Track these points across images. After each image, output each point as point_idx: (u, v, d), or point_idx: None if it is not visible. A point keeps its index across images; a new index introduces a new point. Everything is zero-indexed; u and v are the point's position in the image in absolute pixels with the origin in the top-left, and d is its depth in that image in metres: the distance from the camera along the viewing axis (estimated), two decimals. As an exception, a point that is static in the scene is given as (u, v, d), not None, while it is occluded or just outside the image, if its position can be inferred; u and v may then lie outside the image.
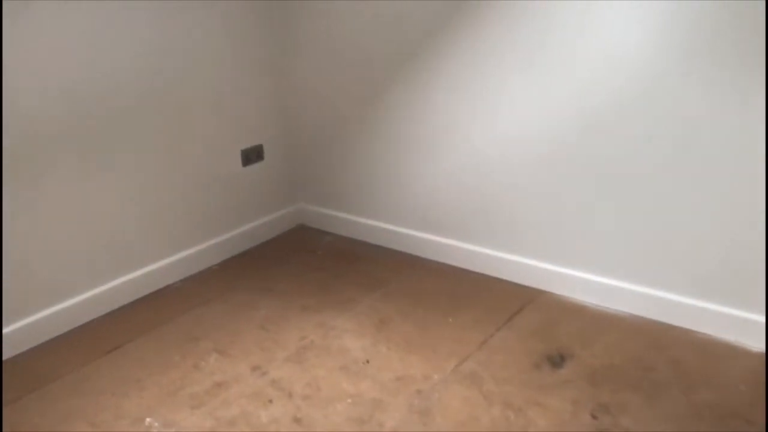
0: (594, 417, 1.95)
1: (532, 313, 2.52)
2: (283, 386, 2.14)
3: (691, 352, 2.25)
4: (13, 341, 2.34)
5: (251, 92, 3.02)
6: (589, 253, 2.52)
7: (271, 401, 2.07)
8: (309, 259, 3.02)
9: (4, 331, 2.32)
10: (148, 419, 2.02)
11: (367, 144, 2.99)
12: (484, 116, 2.60)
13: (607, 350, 2.27)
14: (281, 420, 1.99)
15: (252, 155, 3.09)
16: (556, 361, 2.22)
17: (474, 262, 2.81)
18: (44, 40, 2.24)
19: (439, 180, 2.81)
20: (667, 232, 2.32)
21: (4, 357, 2.32)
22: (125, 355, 2.35)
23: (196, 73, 2.76)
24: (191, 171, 2.83)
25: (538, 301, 2.60)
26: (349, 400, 2.06)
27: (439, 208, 2.86)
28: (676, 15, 2.09)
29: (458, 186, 2.76)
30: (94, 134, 2.46)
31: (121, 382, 2.19)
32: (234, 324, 2.51)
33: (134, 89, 2.55)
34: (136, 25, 2.49)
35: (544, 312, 2.53)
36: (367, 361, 2.26)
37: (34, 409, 2.07)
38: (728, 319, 2.27)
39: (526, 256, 2.67)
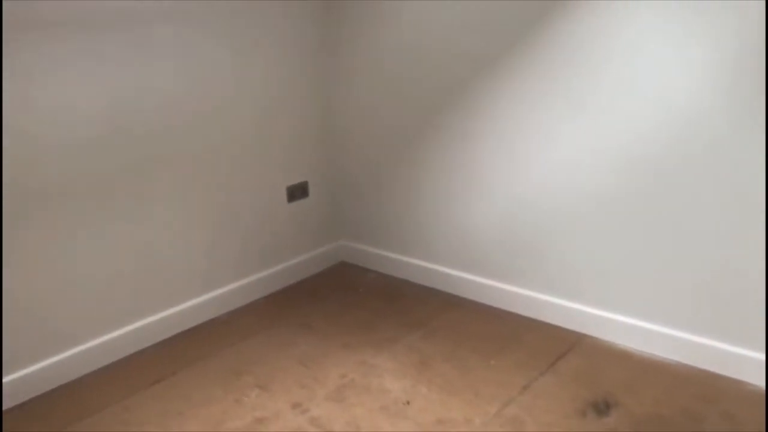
0: (641, 468, 1.90)
1: (576, 358, 2.47)
2: (322, 424, 2.13)
3: (743, 404, 2.18)
4: (60, 371, 2.39)
5: (298, 129, 3.07)
6: (634, 298, 2.47)
7: (311, 439, 2.07)
8: (350, 297, 3.03)
9: (51, 360, 2.37)
10: (189, 453, 2.03)
11: (410, 182, 3.01)
12: (530, 159, 2.59)
13: (655, 399, 2.21)
14: (321, 459, 1.98)
15: (297, 192, 3.14)
16: (601, 408, 2.17)
17: (517, 304, 2.78)
18: (88, 71, 2.32)
19: (483, 220, 2.81)
20: (716, 280, 2.27)
21: (51, 387, 2.37)
22: (168, 387, 2.37)
23: (244, 109, 2.82)
24: (237, 207, 2.88)
25: (582, 345, 2.55)
26: (389, 442, 2.05)
27: (482, 248, 2.85)
28: (730, 62, 2.08)
29: (502, 227, 2.75)
30: (142, 168, 2.52)
31: (164, 415, 2.21)
32: (275, 360, 2.52)
33: (182, 124, 2.62)
34: (181, 61, 2.57)
35: (589, 357, 2.48)
36: (408, 402, 2.24)
37: (78, 438, 2.11)
38: (782, 371, 2.20)
39: (571, 299, 2.64)
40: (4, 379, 2.26)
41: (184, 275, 2.74)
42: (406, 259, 3.14)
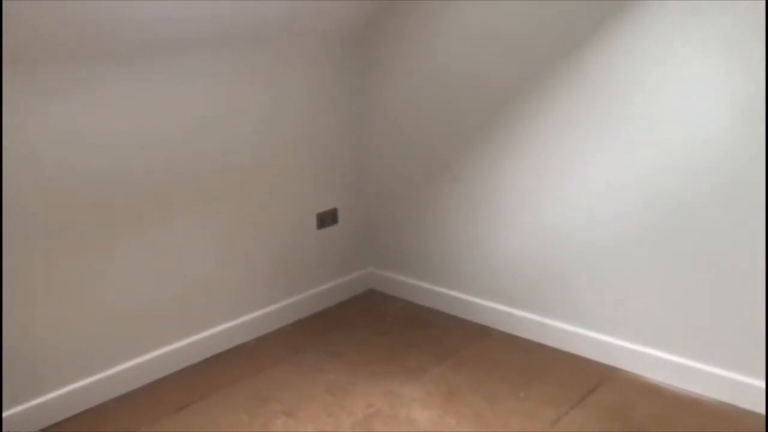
0: None
1: (608, 392, 2.43)
2: (349, 454, 2.12)
3: (781, 444, 2.12)
4: (87, 396, 2.41)
5: (328, 156, 3.10)
6: (668, 331, 2.43)
7: (337, 469, 2.05)
8: (378, 325, 3.02)
9: (79, 384, 2.40)
10: (215, 480, 2.03)
11: (440, 211, 3.01)
12: (563, 189, 2.58)
13: (689, 437, 2.16)
14: (347, 490, 1.96)
15: (327, 218, 3.15)
16: (634, 445, 2.13)
17: (547, 336, 2.75)
18: (122, 97, 2.37)
19: (513, 249, 2.79)
20: (753, 316, 2.22)
21: (78, 411, 2.38)
22: (195, 413, 2.38)
23: (275, 136, 2.86)
24: (267, 233, 2.90)
25: (613, 379, 2.51)
26: (416, 474, 2.02)
27: (511, 277, 2.82)
28: (760, 95, 2.05)
29: (532, 257, 2.73)
30: (172, 195, 2.56)
31: (191, 441, 2.21)
32: (302, 387, 2.51)
33: (213, 152, 2.65)
34: (214, 88, 2.62)
35: (620, 391, 2.43)
36: (436, 434, 2.22)
37: (106, 462, 2.12)
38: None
39: (601, 331, 2.60)
40: (32, 403, 2.29)
41: (212, 301, 2.76)
42: (434, 287, 3.12)
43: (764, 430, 2.17)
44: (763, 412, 2.24)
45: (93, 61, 2.25)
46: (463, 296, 3.01)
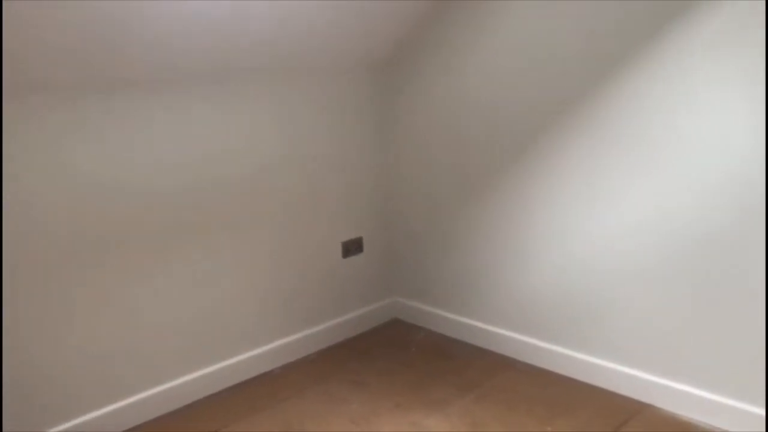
0: None
1: (637, 428, 2.38)
2: (374, 487, 2.10)
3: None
4: (112, 420, 2.43)
5: (354, 185, 3.12)
6: (700, 367, 2.38)
7: (361, 502, 2.04)
8: (402, 355, 3.00)
9: (106, 410, 2.42)
10: None
11: (466, 240, 3.01)
12: (590, 220, 2.57)
13: (721, 476, 2.12)
14: None
15: (352, 247, 3.16)
16: (664, 483, 2.08)
17: (574, 369, 2.71)
18: (158, 127, 2.44)
19: (540, 281, 2.77)
20: (786, 350, 2.18)
21: (108, 434, 2.41)
22: (220, 440, 2.38)
23: (302, 165, 2.89)
24: (293, 261, 2.92)
25: (643, 415, 2.46)
26: (442, 508, 2.00)
27: (538, 309, 2.80)
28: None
29: (559, 288, 2.71)
30: (202, 222, 2.59)
31: (215, 469, 2.21)
32: (326, 416, 2.51)
33: (241, 180, 2.69)
34: (243, 116, 2.66)
35: (650, 427, 2.39)
36: (461, 467, 2.19)
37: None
38: None
39: (631, 365, 2.56)
40: (60, 427, 2.31)
41: (237, 328, 2.77)
42: (459, 318, 3.11)
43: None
44: (798, 452, 2.19)
45: (129, 89, 2.31)
46: (488, 327, 3.00)
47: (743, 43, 2.08)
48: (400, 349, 3.06)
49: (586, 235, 2.59)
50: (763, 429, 2.24)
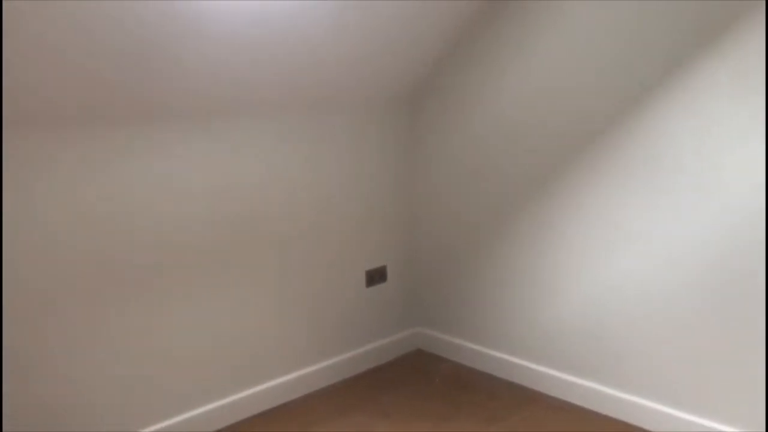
0: None
1: (667, 467, 2.33)
2: None
3: None
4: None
5: (378, 214, 3.12)
6: (735, 404, 2.32)
7: None
8: (425, 387, 2.97)
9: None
10: None
11: (490, 270, 2.98)
12: (616, 249, 2.54)
13: None
14: None
15: (376, 276, 3.15)
16: None
17: (602, 404, 2.66)
18: (185, 156, 2.46)
19: (566, 313, 2.74)
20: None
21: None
22: (243, 471, 2.36)
23: (327, 194, 2.90)
24: (317, 289, 2.91)
25: (672, 453, 2.41)
26: None
27: (564, 342, 2.77)
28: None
29: (586, 320, 2.68)
30: (227, 250, 2.60)
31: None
32: (350, 448, 2.48)
33: (266, 209, 2.70)
34: (270, 149, 2.68)
35: (680, 466, 2.34)
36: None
37: None
38: None
39: (661, 401, 2.51)
40: (86, 453, 2.30)
41: (259, 357, 2.76)
42: (484, 349, 3.07)
43: None
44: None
45: (164, 121, 2.35)
46: (512, 359, 2.96)
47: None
48: (424, 380, 3.03)
49: (612, 269, 2.56)
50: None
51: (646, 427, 2.54)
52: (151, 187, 2.35)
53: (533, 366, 2.88)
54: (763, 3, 2.04)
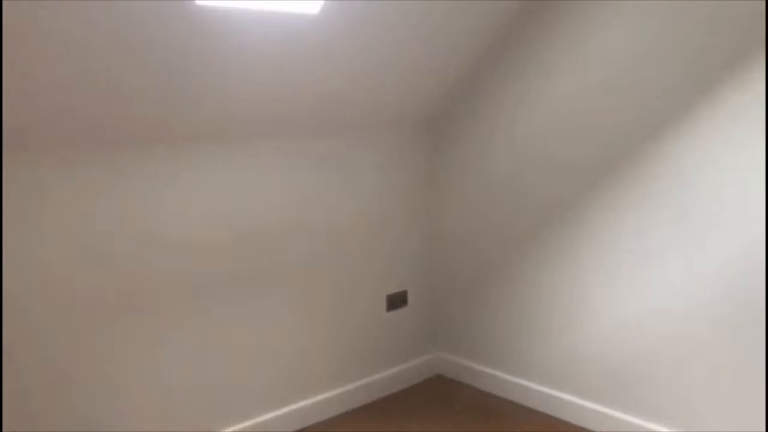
0: None
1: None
2: None
3: None
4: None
5: (400, 239, 3.11)
6: (759, 437, 2.26)
7: None
8: (446, 413, 2.92)
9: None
10: None
11: (513, 297, 2.94)
12: (642, 280, 2.49)
13: None
14: None
15: (397, 300, 3.13)
16: None
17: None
18: (215, 184, 2.48)
19: (589, 339, 2.68)
20: None
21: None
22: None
23: (349, 219, 2.89)
24: (337, 313, 2.90)
25: (699, 486, 2.33)
26: None
27: (587, 369, 2.71)
28: None
29: (610, 348, 2.62)
30: (248, 274, 2.61)
31: None
32: (366, 475, 2.44)
33: (288, 233, 2.70)
34: (290, 174, 2.69)
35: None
36: None
37: None
38: None
39: (685, 429, 2.43)
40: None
41: (275, 382, 2.74)
42: (505, 376, 3.02)
43: None
44: None
45: (197, 145, 2.39)
46: (534, 386, 2.90)
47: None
48: (444, 407, 2.98)
49: (637, 296, 2.51)
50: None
51: (671, 458, 2.47)
52: (177, 210, 2.38)
53: (555, 393, 2.82)
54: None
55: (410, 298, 3.18)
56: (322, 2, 2.13)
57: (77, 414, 2.24)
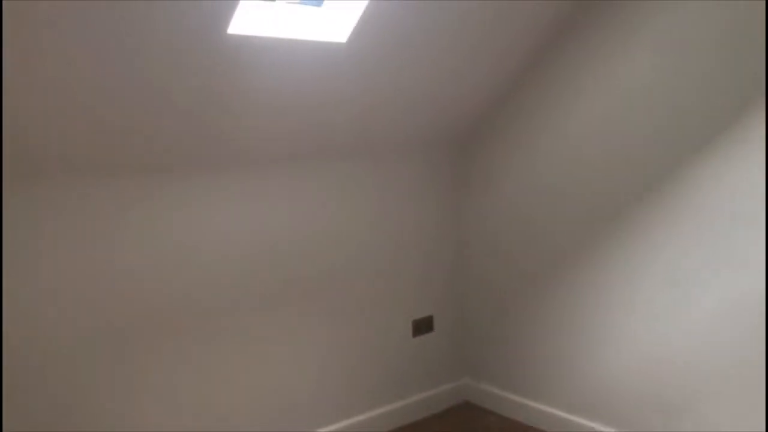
0: None
1: None
2: None
3: None
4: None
5: (426, 264, 3.10)
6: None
7: None
8: (473, 441, 2.89)
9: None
10: None
11: (541, 321, 2.91)
12: (673, 307, 2.44)
13: None
14: None
15: (422, 326, 3.11)
16: None
17: (657, 464, 2.54)
18: (238, 207, 2.50)
19: (620, 367, 2.63)
20: None
21: None
22: None
23: (376, 244, 2.90)
24: (362, 338, 2.89)
25: None
26: None
27: (618, 398, 2.66)
28: None
29: (639, 378, 2.57)
30: (275, 298, 2.62)
31: None
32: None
33: (315, 257, 2.71)
34: (317, 198, 2.71)
35: None
36: None
37: None
38: None
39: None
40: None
41: (303, 406, 2.73)
42: (534, 403, 2.98)
43: None
44: None
45: (227, 168, 2.43)
46: (563, 414, 2.85)
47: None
48: (471, 435, 2.95)
49: (669, 325, 2.46)
50: None
51: (706, 490, 2.40)
52: (208, 231, 2.41)
53: (585, 422, 2.77)
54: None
55: (436, 324, 3.16)
56: (350, 31, 2.16)
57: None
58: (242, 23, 1.96)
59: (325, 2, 2.18)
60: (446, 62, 2.54)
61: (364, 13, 2.11)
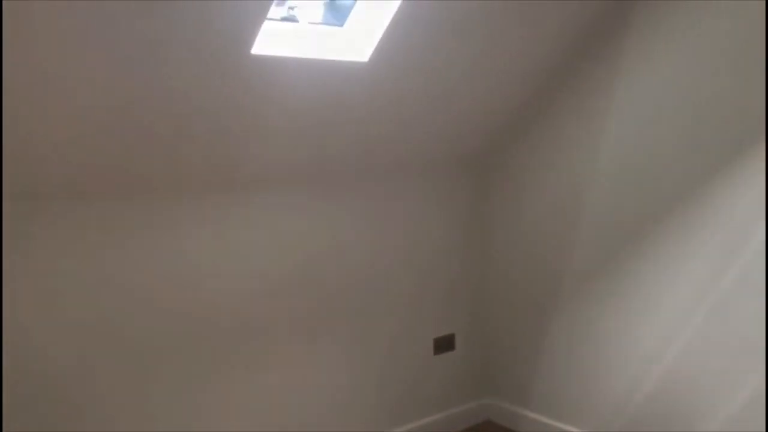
0: None
1: None
2: None
3: None
4: None
5: (448, 282, 3.09)
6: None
7: None
8: (495, 460, 2.86)
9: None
10: None
11: (564, 342, 2.88)
12: (688, 331, 2.41)
13: None
14: None
15: (444, 344, 3.09)
16: None
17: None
18: (260, 226, 2.51)
19: (643, 387, 2.60)
20: None
21: None
22: None
23: (395, 262, 2.89)
24: (382, 357, 2.88)
25: None
26: None
27: (642, 418, 2.62)
28: None
29: (664, 396, 2.53)
30: (299, 315, 2.62)
31: None
32: None
33: (337, 276, 2.71)
34: (339, 217, 2.71)
35: None
36: None
37: None
38: None
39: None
40: None
41: (325, 425, 2.72)
42: (554, 423, 2.94)
43: None
44: None
45: (236, 190, 2.43)
46: (587, 435, 2.83)
47: None
48: (493, 455, 2.92)
49: (693, 346, 2.42)
50: None
51: None
52: (230, 253, 2.42)
53: (609, 443, 2.74)
54: None
55: (458, 342, 3.15)
56: (372, 50, 2.17)
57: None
58: (265, 43, 1.98)
59: (347, 22, 2.20)
60: (469, 80, 2.55)
61: (386, 32, 2.12)
